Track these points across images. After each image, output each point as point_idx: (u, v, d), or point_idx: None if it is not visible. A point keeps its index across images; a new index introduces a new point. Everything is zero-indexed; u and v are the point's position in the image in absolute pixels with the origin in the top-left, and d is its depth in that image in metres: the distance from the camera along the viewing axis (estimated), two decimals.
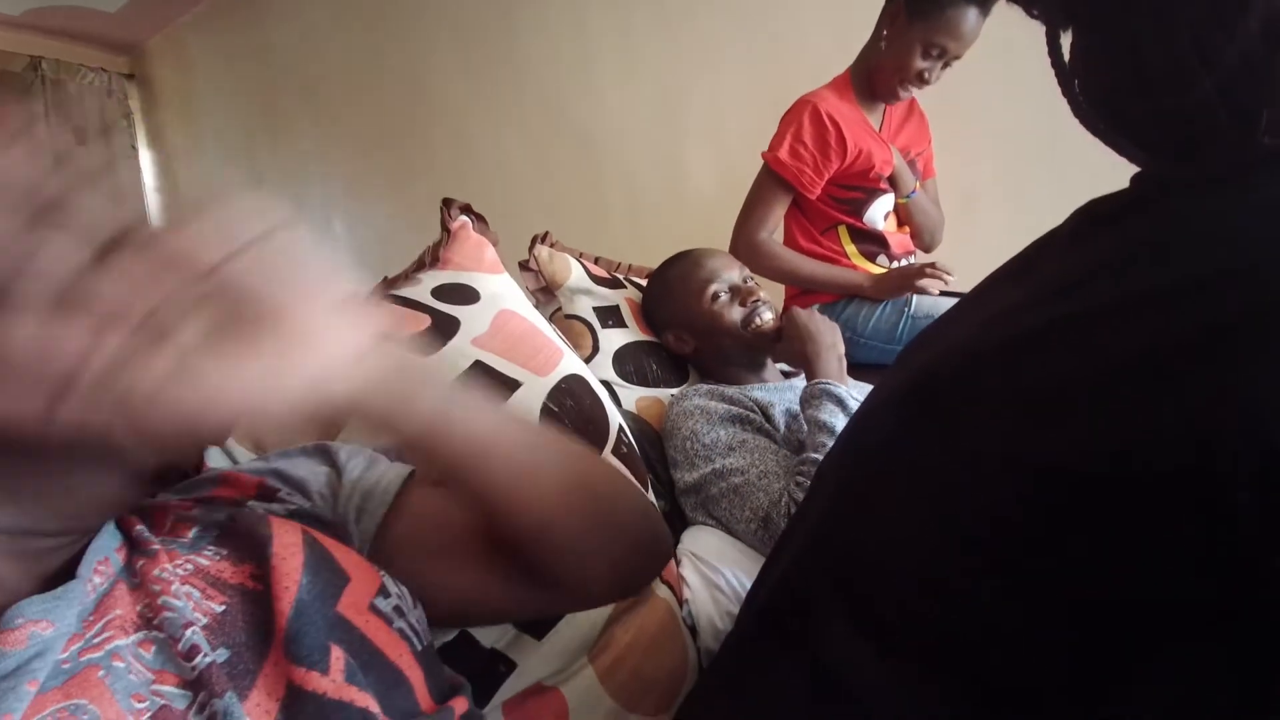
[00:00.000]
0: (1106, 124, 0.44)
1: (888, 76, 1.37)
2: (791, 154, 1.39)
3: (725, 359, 1.11)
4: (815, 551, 0.49)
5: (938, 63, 1.32)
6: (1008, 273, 0.52)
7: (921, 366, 0.47)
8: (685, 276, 1.12)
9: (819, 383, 0.93)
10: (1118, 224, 0.43)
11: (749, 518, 0.82)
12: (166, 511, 0.42)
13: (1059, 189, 1.53)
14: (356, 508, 0.48)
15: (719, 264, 1.12)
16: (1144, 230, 0.40)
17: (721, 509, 0.86)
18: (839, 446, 0.56)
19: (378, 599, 0.41)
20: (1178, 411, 0.32)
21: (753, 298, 1.09)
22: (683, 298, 1.10)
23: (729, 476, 0.86)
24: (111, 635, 0.32)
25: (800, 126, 1.38)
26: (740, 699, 0.50)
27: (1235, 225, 0.35)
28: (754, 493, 0.83)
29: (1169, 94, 0.38)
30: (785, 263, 1.48)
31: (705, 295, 1.08)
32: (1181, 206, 0.40)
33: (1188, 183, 0.41)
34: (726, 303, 1.08)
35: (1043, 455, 0.36)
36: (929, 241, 1.59)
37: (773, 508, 0.81)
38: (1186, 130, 0.39)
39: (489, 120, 2.63)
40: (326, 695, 0.34)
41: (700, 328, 1.09)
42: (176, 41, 3.75)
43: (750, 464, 0.86)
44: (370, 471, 0.50)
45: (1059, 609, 0.36)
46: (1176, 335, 0.33)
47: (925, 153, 1.59)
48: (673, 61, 2.15)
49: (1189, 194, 0.40)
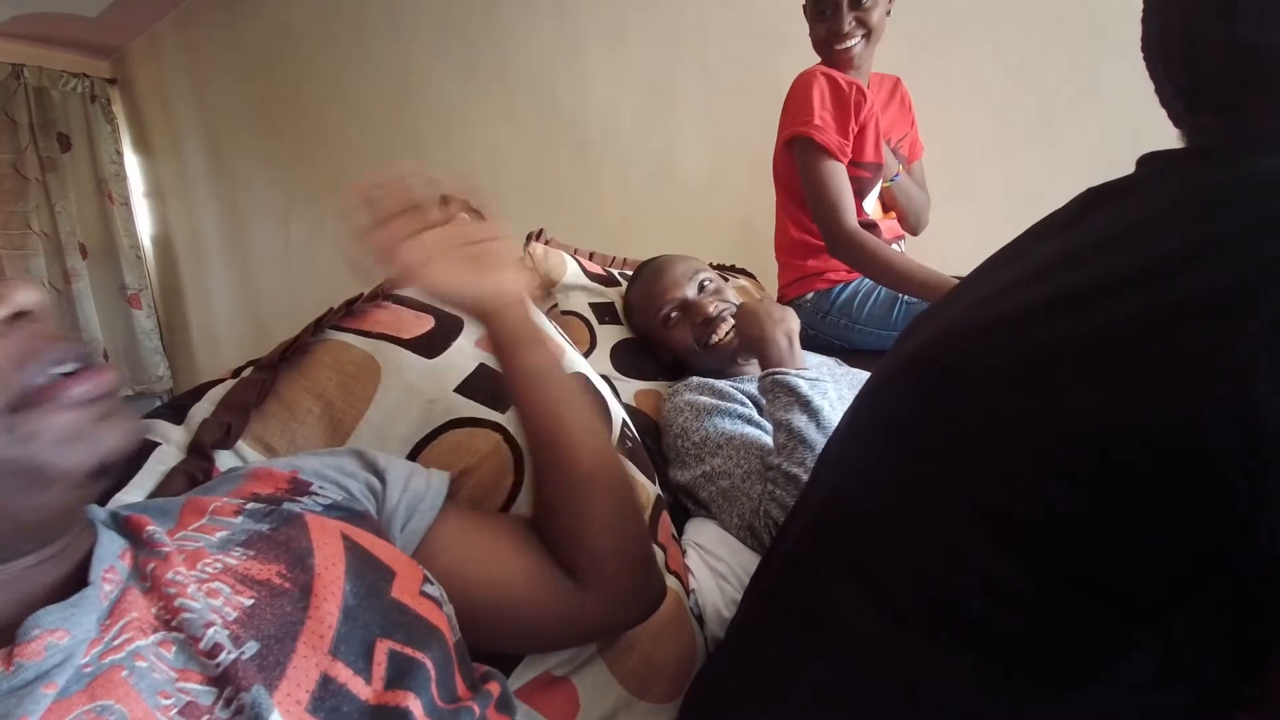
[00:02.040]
0: (1167, 63, 0.44)
1: (824, 51, 1.37)
2: (824, 122, 1.32)
3: (703, 365, 1.09)
4: (823, 528, 0.51)
5: (839, 16, 1.31)
6: (1002, 258, 0.53)
7: (917, 348, 0.48)
8: (642, 297, 1.11)
9: (769, 374, 0.91)
10: (1120, 201, 0.44)
11: (736, 524, 0.84)
12: (202, 510, 0.42)
13: (1049, 170, 1.55)
14: (405, 510, 0.50)
15: (669, 281, 1.08)
16: (1145, 204, 0.41)
17: (713, 508, 0.87)
18: (842, 428, 0.57)
19: (425, 586, 0.43)
20: (1165, 375, 0.33)
21: (701, 316, 1.05)
22: (643, 319, 1.11)
23: (716, 480, 0.87)
24: (131, 637, 0.33)
25: (820, 94, 1.33)
26: (752, 675, 0.51)
27: (1234, 198, 0.36)
28: (739, 497, 0.84)
29: (1249, 27, 0.39)
30: (885, 258, 1.30)
31: (658, 319, 1.07)
32: (1183, 181, 0.41)
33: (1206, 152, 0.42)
34: (678, 323, 1.07)
35: (1031, 421, 0.37)
36: (915, 224, 1.60)
37: (753, 516, 0.82)
38: (1247, 74, 0.40)
39: (479, 117, 2.62)
40: (369, 703, 0.35)
41: (664, 346, 1.10)
42: (158, 44, 3.72)
43: (735, 464, 0.86)
44: (415, 479, 0.52)
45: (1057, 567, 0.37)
46: (1167, 303, 0.34)
47: (909, 135, 1.59)
48: (663, 54, 2.14)
49: (1195, 170, 0.41)
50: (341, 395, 0.65)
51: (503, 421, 0.68)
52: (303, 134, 3.23)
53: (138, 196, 4.10)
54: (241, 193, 3.58)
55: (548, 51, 2.38)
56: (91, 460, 0.33)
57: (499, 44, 2.49)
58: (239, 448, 0.61)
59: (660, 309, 1.07)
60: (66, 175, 3.76)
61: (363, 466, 0.52)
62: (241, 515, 0.42)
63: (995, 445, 0.39)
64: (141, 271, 4.06)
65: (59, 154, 3.75)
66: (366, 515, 0.47)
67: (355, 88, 2.96)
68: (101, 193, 3.89)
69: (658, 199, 2.23)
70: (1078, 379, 0.36)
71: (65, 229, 3.73)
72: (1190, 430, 0.32)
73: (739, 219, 2.00)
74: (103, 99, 3.91)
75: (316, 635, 0.36)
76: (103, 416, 0.34)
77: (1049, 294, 0.40)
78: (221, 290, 3.85)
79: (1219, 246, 0.34)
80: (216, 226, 3.77)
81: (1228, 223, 0.35)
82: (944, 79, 1.66)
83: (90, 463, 0.33)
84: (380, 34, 2.82)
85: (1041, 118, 1.57)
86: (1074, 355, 0.36)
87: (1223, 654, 0.37)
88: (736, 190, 2.02)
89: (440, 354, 0.71)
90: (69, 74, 3.78)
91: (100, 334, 3.84)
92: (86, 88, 3.85)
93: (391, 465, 0.52)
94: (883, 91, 1.54)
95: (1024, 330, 0.40)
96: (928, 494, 0.43)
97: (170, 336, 4.21)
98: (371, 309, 0.74)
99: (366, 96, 2.94)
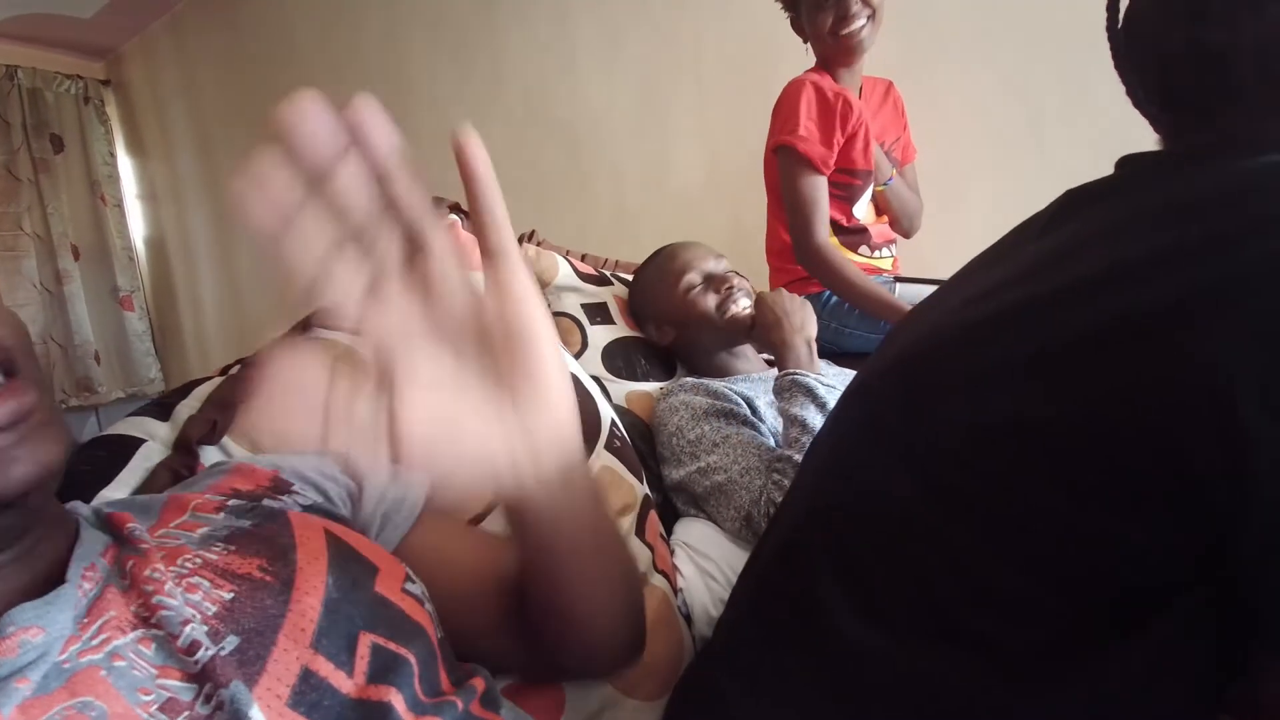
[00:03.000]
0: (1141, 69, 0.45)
1: (830, 43, 1.36)
2: (809, 132, 1.34)
3: (705, 349, 1.12)
4: (807, 525, 0.51)
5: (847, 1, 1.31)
6: (984, 260, 0.53)
7: (900, 349, 0.49)
8: (662, 268, 1.14)
9: (789, 373, 0.93)
10: (1100, 203, 0.44)
11: (732, 516, 0.84)
12: (184, 507, 0.42)
13: (1040, 174, 1.56)
14: (382, 517, 0.50)
15: (695, 255, 1.14)
16: (1124, 208, 0.41)
17: (710, 506, 0.87)
18: (825, 428, 0.57)
19: (407, 584, 0.43)
20: (1142, 378, 0.33)
21: (727, 285, 1.10)
22: (660, 289, 1.13)
23: (712, 475, 0.87)
24: (109, 636, 0.33)
25: (808, 103, 1.34)
26: (738, 672, 0.51)
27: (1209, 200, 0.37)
28: (736, 491, 0.84)
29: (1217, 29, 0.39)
30: (847, 277, 1.34)
31: (680, 285, 1.10)
32: (1161, 185, 0.41)
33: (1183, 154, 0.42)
34: (701, 292, 1.10)
35: (1014, 423, 0.37)
36: (908, 228, 1.60)
37: (753, 506, 0.83)
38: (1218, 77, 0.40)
39: (473, 117, 2.62)
40: (350, 696, 0.35)
41: (677, 318, 1.11)
42: (152, 46, 3.71)
43: (733, 460, 0.87)
44: (392, 486, 0.52)
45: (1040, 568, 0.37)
46: (1147, 303, 0.34)
47: (902, 138, 1.60)
48: (657, 59, 2.15)
49: (1171, 173, 0.42)
50: None
51: None
52: None
53: (130, 198, 4.08)
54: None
55: (542, 56, 2.39)
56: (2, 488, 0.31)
57: (494, 48, 2.50)
58: (225, 444, 0.61)
59: (684, 275, 1.11)
60: (59, 176, 3.74)
61: (342, 469, 0.51)
62: (223, 512, 0.42)
63: (978, 446, 0.39)
64: (134, 273, 4.04)
65: (52, 155, 3.73)
66: (344, 519, 0.47)
67: (350, 90, 2.96)
68: (94, 194, 3.87)
69: (650, 202, 2.23)
70: (1057, 381, 0.36)
71: (57, 230, 3.71)
72: (1168, 435, 0.32)
73: (730, 223, 2.01)
74: (96, 100, 3.90)
75: (298, 628, 0.36)
76: (15, 443, 0.32)
77: (1026, 298, 0.40)
78: (214, 292, 3.84)
79: (1195, 250, 0.34)
80: (209, 228, 3.76)
81: (1204, 227, 0.35)
82: (935, 85, 1.67)
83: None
84: (375, 37, 2.82)
85: (1032, 124, 1.59)
86: (1052, 358, 0.37)
87: (1206, 656, 0.37)
88: (728, 194, 2.02)
89: None
90: (63, 75, 3.76)
91: (92, 335, 3.82)
92: (80, 89, 3.83)
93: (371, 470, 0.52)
94: (875, 95, 1.55)
95: (1004, 334, 0.40)
96: (911, 494, 0.43)
97: (162, 338, 4.19)
98: None
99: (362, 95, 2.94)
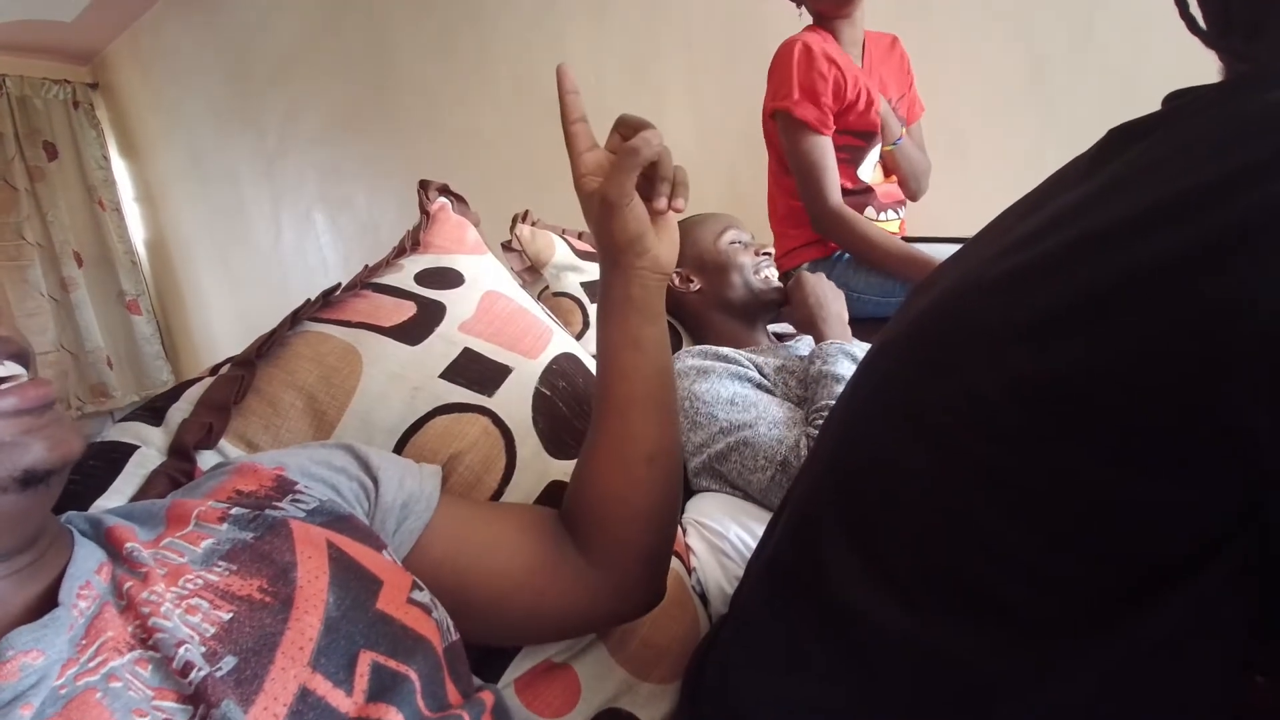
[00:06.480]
0: None
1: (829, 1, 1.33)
2: (805, 94, 1.30)
3: (724, 309, 1.11)
4: (823, 495, 0.49)
5: None
6: (1021, 209, 0.50)
7: (929, 304, 0.46)
8: (704, 220, 1.16)
9: (832, 342, 0.95)
10: (1146, 138, 0.41)
11: (763, 465, 0.82)
12: (186, 516, 0.42)
13: (1046, 129, 1.51)
14: (401, 507, 0.50)
15: (736, 222, 1.17)
16: (1170, 141, 0.38)
17: (731, 464, 0.85)
18: (844, 395, 0.56)
19: (414, 593, 0.43)
20: (1187, 319, 0.31)
21: (765, 251, 1.14)
22: (701, 232, 1.14)
23: (736, 431, 0.85)
24: (106, 658, 0.33)
25: (801, 66, 1.31)
26: (753, 648, 0.50)
27: (1260, 127, 0.34)
28: (765, 443, 0.83)
29: None
30: (868, 236, 1.32)
31: (723, 237, 1.12)
32: (1209, 114, 0.38)
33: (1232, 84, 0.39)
34: (742, 248, 1.12)
35: (1045, 376, 0.35)
36: (916, 189, 1.56)
37: (790, 452, 0.81)
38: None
39: (460, 99, 2.58)
40: (349, 716, 0.35)
41: (711, 265, 1.12)
42: (137, 45, 3.67)
43: (757, 417, 0.86)
44: (408, 479, 0.52)
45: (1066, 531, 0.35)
46: (1192, 241, 0.31)
47: (908, 94, 1.54)
48: (645, 28, 2.10)
49: (1218, 102, 0.39)
50: (324, 388, 0.64)
51: (489, 405, 0.67)
52: (287, 124, 3.20)
53: (128, 201, 4.08)
54: (229, 191, 3.56)
55: (527, 30, 2.34)
56: (10, 469, 0.32)
57: (478, 24, 2.45)
58: (221, 447, 0.60)
59: (729, 229, 1.14)
60: (55, 184, 3.75)
61: (355, 464, 0.51)
62: (226, 522, 0.41)
63: (1004, 403, 0.37)
64: (138, 276, 4.06)
65: (46, 163, 3.73)
66: (352, 518, 0.46)
67: (336, 74, 2.92)
68: (91, 199, 3.87)
69: None
70: (1097, 327, 0.34)
71: (59, 238, 3.72)
72: (1212, 379, 0.30)
73: (725, 192, 1.97)
74: (85, 104, 3.88)
75: (296, 647, 0.36)
76: (30, 429, 0.33)
77: (1069, 240, 0.38)
78: (217, 291, 3.84)
79: (1246, 179, 0.31)
80: (207, 227, 3.75)
81: (1254, 154, 0.32)
82: (932, 33, 1.62)
83: (10, 471, 0.32)
84: (357, 22, 2.77)
85: (1033, 70, 1.53)
86: (1093, 302, 0.34)
87: (1238, 617, 0.35)
88: (723, 163, 1.98)
89: (422, 341, 0.69)
90: (50, 81, 3.74)
91: (102, 341, 3.85)
92: (69, 94, 3.81)
93: (384, 465, 0.51)
94: (879, 48, 1.49)
95: (1043, 280, 0.38)
96: (930, 457, 0.41)
97: (171, 340, 4.21)
98: (349, 298, 0.72)
99: (346, 85, 2.90)
